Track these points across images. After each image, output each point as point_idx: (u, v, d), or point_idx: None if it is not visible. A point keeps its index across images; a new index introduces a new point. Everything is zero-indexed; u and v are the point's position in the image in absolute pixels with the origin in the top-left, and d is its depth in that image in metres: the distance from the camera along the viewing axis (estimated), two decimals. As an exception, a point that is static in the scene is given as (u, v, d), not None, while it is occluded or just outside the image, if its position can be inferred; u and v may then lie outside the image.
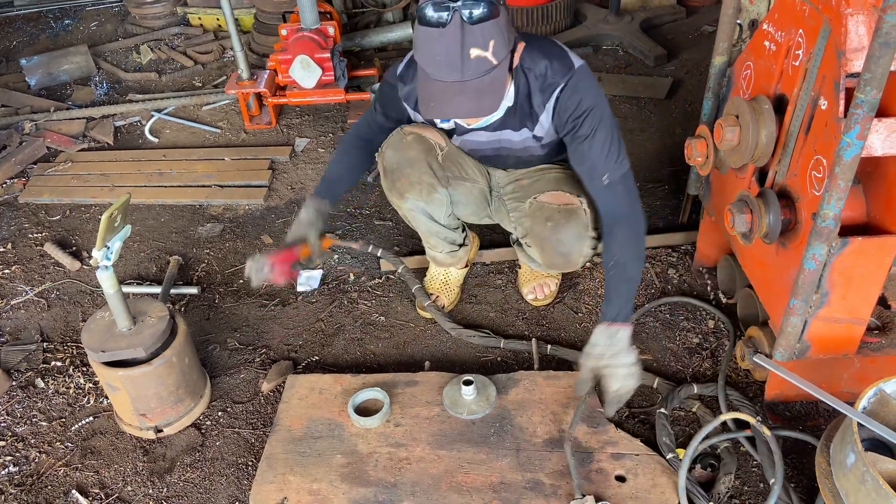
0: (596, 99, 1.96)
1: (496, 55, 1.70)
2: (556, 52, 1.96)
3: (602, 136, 1.97)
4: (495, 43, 1.69)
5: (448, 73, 1.70)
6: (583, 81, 1.95)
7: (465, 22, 1.64)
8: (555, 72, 1.94)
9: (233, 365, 2.45)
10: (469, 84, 1.71)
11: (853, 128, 1.50)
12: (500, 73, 1.74)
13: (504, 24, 1.71)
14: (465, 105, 1.75)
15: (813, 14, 1.72)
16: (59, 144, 3.52)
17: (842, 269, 1.75)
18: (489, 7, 1.66)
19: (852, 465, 1.58)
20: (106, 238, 1.93)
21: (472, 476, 1.98)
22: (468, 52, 1.66)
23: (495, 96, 1.77)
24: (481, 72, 1.70)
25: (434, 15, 1.66)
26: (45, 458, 2.20)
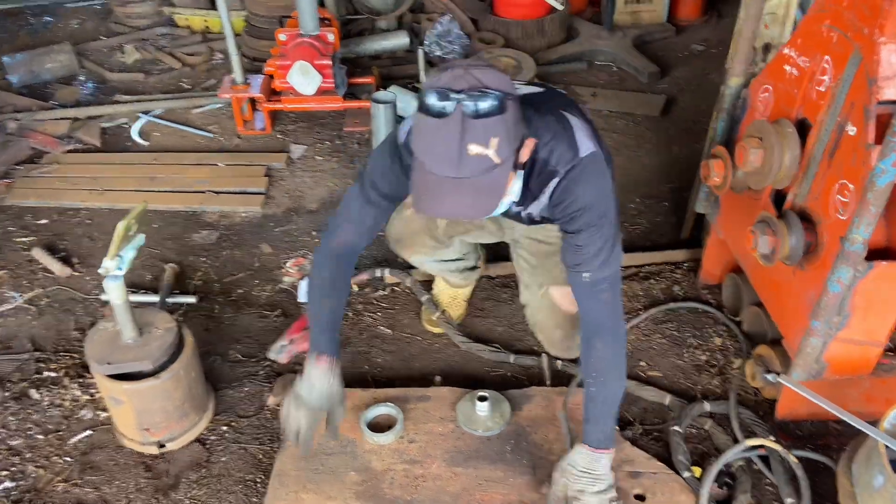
0: (596, 195, 1.76)
1: (499, 153, 1.49)
2: (565, 136, 1.74)
3: (593, 235, 1.77)
4: (499, 141, 1.48)
5: (444, 167, 1.49)
6: (584, 174, 1.74)
7: (468, 115, 1.45)
8: (557, 160, 1.74)
9: (236, 377, 2.39)
10: (465, 182, 1.50)
11: (889, 155, 1.53)
12: (501, 173, 1.53)
13: (512, 121, 1.51)
14: (458, 204, 1.54)
15: (842, 41, 1.75)
16: (45, 145, 3.40)
17: (864, 293, 1.78)
18: (496, 101, 1.46)
19: (881, 487, 1.60)
20: (120, 247, 1.86)
21: (491, 494, 1.96)
22: (467, 148, 1.46)
23: (493, 198, 1.56)
24: (480, 170, 1.49)
25: (436, 104, 1.46)
26: (43, 472, 2.11)
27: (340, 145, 3.44)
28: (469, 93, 1.45)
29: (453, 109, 1.45)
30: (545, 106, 1.78)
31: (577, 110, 1.87)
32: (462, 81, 1.46)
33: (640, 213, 3.03)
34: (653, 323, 2.53)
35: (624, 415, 2.24)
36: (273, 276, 2.79)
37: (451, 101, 1.45)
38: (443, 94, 1.45)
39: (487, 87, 1.46)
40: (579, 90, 3.80)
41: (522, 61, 3.69)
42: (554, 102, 1.83)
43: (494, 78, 1.49)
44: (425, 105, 1.48)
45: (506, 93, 1.48)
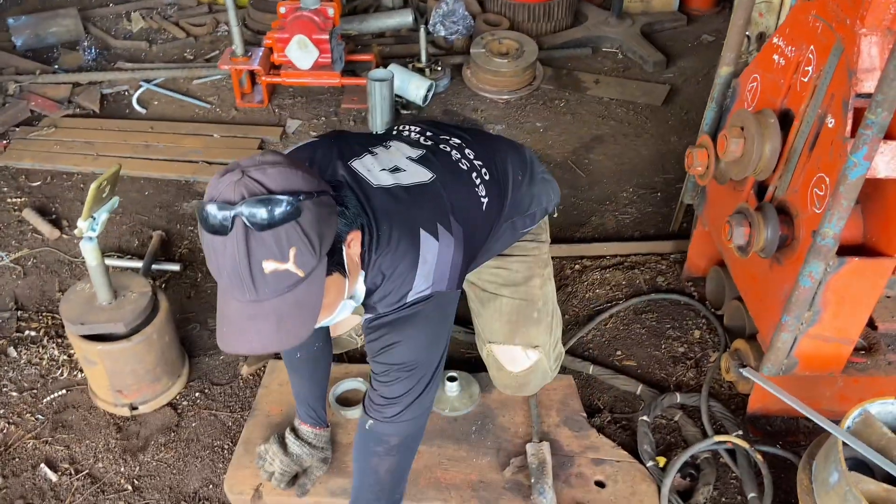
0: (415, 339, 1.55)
1: (301, 264, 1.23)
2: (402, 274, 1.49)
3: (402, 372, 1.57)
4: (297, 251, 1.22)
5: (239, 291, 1.23)
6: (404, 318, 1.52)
7: (251, 228, 1.18)
8: (381, 296, 1.52)
9: (213, 346, 2.40)
10: (265, 305, 1.24)
11: (861, 148, 1.50)
12: (311, 286, 1.27)
13: (312, 222, 1.23)
14: (260, 334, 1.26)
15: (826, 31, 1.71)
16: (44, 108, 3.42)
17: (836, 289, 1.75)
18: (286, 206, 1.20)
19: (835, 484, 1.58)
20: (92, 209, 1.87)
21: (452, 473, 1.96)
22: (261, 266, 1.20)
23: (305, 319, 1.29)
24: (282, 289, 1.23)
25: (214, 219, 1.19)
26: (14, 429, 2.14)
27: (336, 122, 3.43)
28: (249, 202, 1.19)
29: (232, 224, 1.19)
30: (402, 221, 1.51)
31: (458, 214, 1.60)
32: (240, 188, 1.20)
33: (631, 202, 3.00)
34: (633, 313, 2.51)
35: (594, 402, 2.23)
36: (258, 247, 2.79)
37: (228, 213, 1.19)
38: (221, 206, 1.19)
39: (271, 190, 1.21)
40: (582, 76, 3.76)
41: (525, 44, 3.65)
42: (422, 210, 1.55)
43: (280, 176, 1.23)
44: (203, 220, 1.22)
45: (297, 192, 1.22)
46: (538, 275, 2.04)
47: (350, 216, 1.39)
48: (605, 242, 2.77)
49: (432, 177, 1.63)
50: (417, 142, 1.75)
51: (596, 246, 2.75)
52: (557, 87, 3.69)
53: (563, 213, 2.93)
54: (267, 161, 1.26)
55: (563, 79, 3.76)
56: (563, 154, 3.26)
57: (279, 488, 1.90)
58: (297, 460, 1.90)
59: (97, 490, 2.00)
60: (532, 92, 3.63)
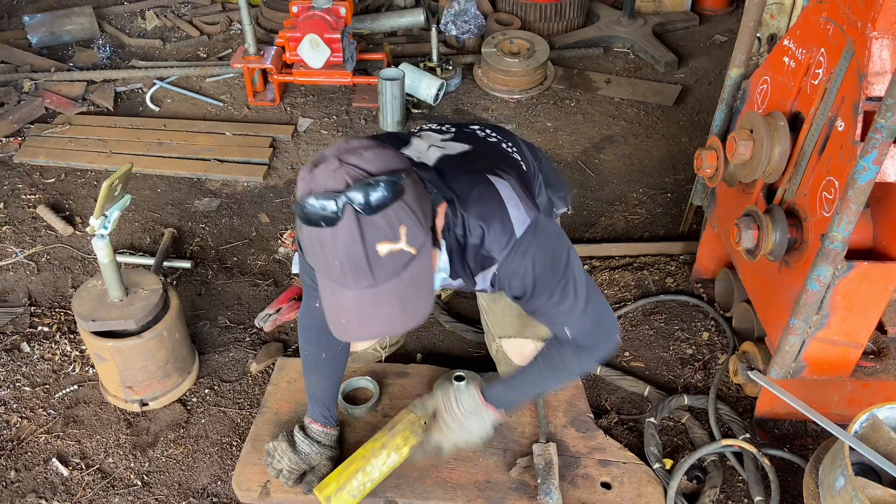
0: (545, 267, 1.55)
1: (412, 241, 1.25)
2: (496, 213, 1.51)
3: (557, 299, 1.58)
4: (408, 229, 1.24)
5: (355, 279, 1.24)
6: (525, 254, 1.53)
7: (361, 213, 1.20)
8: (490, 244, 1.52)
9: (222, 343, 2.42)
10: (384, 288, 1.26)
11: (870, 152, 1.49)
12: (423, 261, 1.30)
13: (414, 199, 1.26)
14: (387, 318, 1.29)
15: (837, 34, 1.71)
16: (58, 106, 3.46)
17: (844, 293, 1.74)
18: (390, 186, 1.21)
19: (841, 489, 1.58)
20: (105, 206, 1.89)
21: (458, 473, 1.97)
22: (374, 250, 1.22)
23: (424, 295, 1.32)
24: (398, 269, 1.25)
25: (319, 209, 1.20)
26: (26, 423, 2.17)
27: (347, 120, 3.45)
28: (355, 188, 1.20)
29: (342, 211, 1.19)
30: (469, 175, 1.55)
31: (508, 166, 1.64)
32: (342, 175, 1.21)
33: (641, 203, 2.99)
34: (642, 314, 2.51)
35: (601, 403, 2.23)
36: (269, 245, 2.81)
37: (334, 200, 1.19)
38: (323, 194, 1.20)
39: (372, 172, 1.22)
40: (594, 76, 3.76)
41: (536, 44, 3.65)
42: (479, 165, 1.60)
43: (376, 158, 1.25)
44: (307, 215, 1.22)
45: (397, 171, 1.24)
46: None
47: (433, 191, 1.44)
48: (614, 243, 2.77)
49: (471, 147, 1.67)
50: (444, 129, 1.80)
51: (605, 246, 2.75)
52: (568, 86, 3.69)
53: (572, 213, 2.93)
54: (359, 146, 1.27)
55: (575, 78, 3.75)
56: (573, 154, 3.26)
57: (287, 485, 1.92)
58: (306, 458, 1.91)
59: (107, 485, 2.03)
60: (543, 92, 3.63)
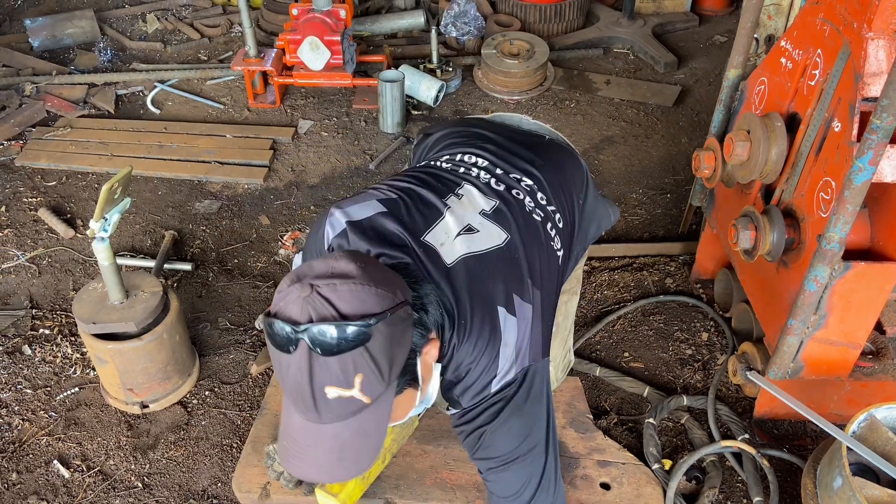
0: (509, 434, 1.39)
1: (367, 391, 1.12)
2: (485, 360, 1.34)
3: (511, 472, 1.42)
4: (364, 378, 1.11)
5: (303, 409, 1.14)
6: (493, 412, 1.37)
7: (315, 354, 1.09)
8: (465, 388, 1.38)
9: (223, 345, 2.43)
10: (327, 429, 1.14)
11: (866, 153, 1.50)
12: (377, 412, 1.16)
13: (382, 346, 1.12)
14: (322, 461, 1.17)
15: (833, 35, 1.71)
16: (60, 109, 3.47)
17: (842, 293, 1.74)
18: (353, 334, 1.09)
19: (839, 489, 1.58)
20: (104, 209, 1.90)
21: (458, 474, 1.97)
22: (324, 391, 1.11)
23: (368, 448, 1.19)
24: (346, 414, 1.13)
25: (279, 332, 1.12)
26: (28, 426, 2.18)
27: (347, 122, 3.46)
28: (316, 325, 1.08)
29: (297, 346, 1.10)
30: (480, 301, 1.35)
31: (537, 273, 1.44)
32: (308, 307, 1.10)
33: (640, 203, 3.00)
34: (641, 314, 2.51)
35: (601, 404, 2.23)
36: (269, 247, 2.82)
37: (293, 334, 1.10)
38: (285, 325, 1.11)
39: (342, 314, 1.09)
40: (593, 77, 3.76)
41: (536, 45, 3.65)
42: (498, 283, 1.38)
43: (353, 297, 1.11)
44: (269, 334, 1.14)
45: (370, 315, 1.10)
46: (566, 290, 1.90)
47: (429, 321, 1.26)
48: (613, 244, 2.77)
49: (507, 238, 1.44)
50: (489, 185, 1.55)
51: (605, 247, 2.75)
52: (568, 87, 3.69)
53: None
54: (339, 273, 1.13)
55: (574, 80, 3.76)
56: (572, 155, 3.26)
57: (287, 488, 1.92)
58: None
59: (108, 487, 2.03)
60: (543, 93, 3.64)
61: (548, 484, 1.43)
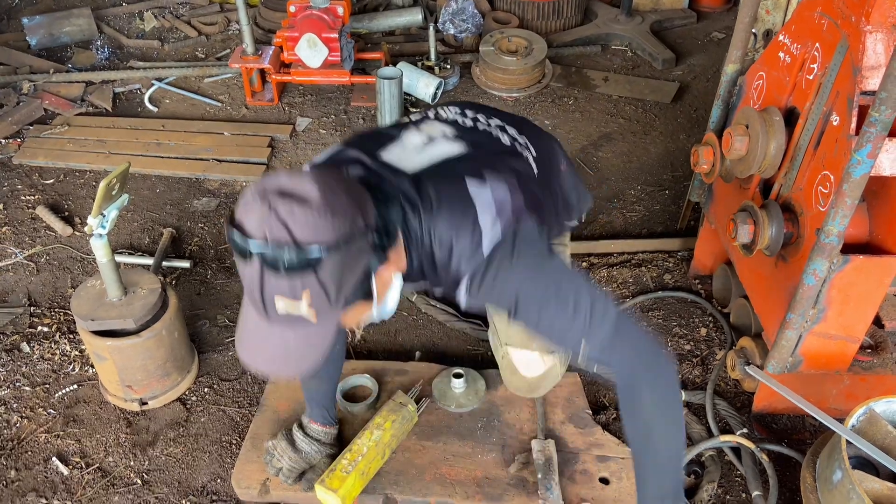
0: (524, 279, 1.40)
1: (315, 308, 1.18)
2: (465, 226, 1.38)
3: (551, 313, 1.40)
4: (311, 298, 1.17)
5: (255, 308, 1.21)
6: (499, 267, 1.39)
7: (268, 268, 1.14)
8: (458, 258, 1.40)
9: (222, 342, 2.43)
10: (275, 329, 1.22)
11: (864, 146, 1.50)
12: (321, 330, 1.24)
13: (332, 273, 1.16)
14: (271, 357, 1.26)
15: (831, 28, 1.71)
16: (57, 107, 3.46)
17: (841, 287, 1.75)
18: (303, 260, 1.13)
19: (838, 482, 1.58)
20: (102, 206, 1.90)
21: (457, 469, 1.98)
22: (272, 299, 1.17)
23: (310, 355, 1.26)
24: (292, 323, 1.21)
25: (237, 241, 1.15)
26: (26, 423, 2.18)
27: (346, 119, 3.45)
28: (270, 245, 1.12)
29: (251, 257, 1.14)
30: (446, 181, 1.42)
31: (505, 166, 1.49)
32: (264, 227, 1.12)
33: (639, 200, 3.00)
34: (640, 310, 2.51)
35: (600, 399, 2.24)
36: (267, 245, 2.82)
37: (248, 248, 1.13)
38: (243, 237, 1.14)
39: (295, 239, 1.12)
40: (592, 74, 3.76)
41: (534, 42, 3.65)
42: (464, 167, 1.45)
43: (308, 224, 1.13)
44: (230, 238, 1.17)
45: (323, 244, 1.13)
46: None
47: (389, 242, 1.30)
48: (612, 240, 2.77)
49: (468, 150, 1.50)
50: (455, 122, 1.63)
51: (603, 243, 2.75)
52: (566, 84, 3.69)
53: (570, 210, 2.93)
54: (300, 195, 1.14)
55: (573, 76, 3.76)
56: (571, 152, 3.26)
57: (286, 484, 1.92)
58: (306, 457, 1.91)
59: (107, 483, 2.03)
60: (541, 90, 3.63)
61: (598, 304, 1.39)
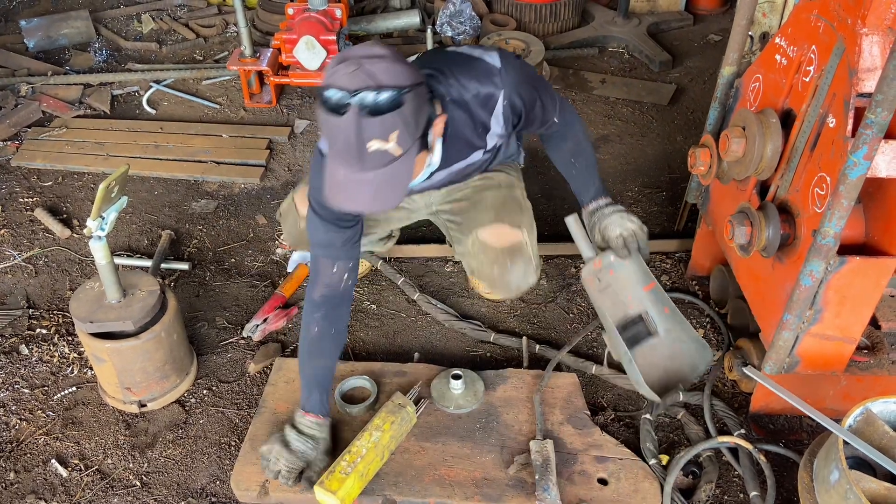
0: (533, 81, 1.95)
1: (400, 145, 1.53)
2: (475, 65, 1.86)
3: (547, 100, 1.99)
4: (399, 133, 1.51)
5: (347, 163, 1.54)
6: (514, 78, 1.87)
7: (363, 114, 1.46)
8: (485, 85, 1.84)
9: (220, 344, 2.43)
10: (367, 176, 1.55)
11: (861, 147, 1.51)
12: (405, 164, 1.57)
13: (412, 111, 1.52)
14: (361, 198, 1.59)
15: (827, 31, 1.72)
16: (55, 109, 3.47)
17: (837, 288, 1.75)
18: (393, 97, 1.47)
19: (836, 483, 1.59)
20: (101, 208, 1.90)
21: (456, 470, 1.98)
22: (366, 146, 1.49)
23: (396, 189, 1.60)
24: (381, 164, 1.54)
25: (332, 102, 1.48)
26: (25, 425, 2.18)
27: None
28: (363, 91, 1.45)
29: (347, 108, 1.46)
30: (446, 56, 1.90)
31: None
32: (356, 79, 1.46)
33: (636, 201, 3.01)
34: (638, 311, 2.52)
35: (598, 400, 2.24)
36: (266, 247, 2.82)
37: (345, 99, 1.46)
38: (339, 92, 1.47)
39: (381, 83, 1.47)
40: (589, 76, 3.77)
41: (531, 44, 3.66)
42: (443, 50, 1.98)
43: (389, 71, 1.49)
44: (323, 101, 1.49)
45: (402, 86, 1.49)
46: (519, 187, 2.31)
47: (438, 101, 1.75)
48: (610, 242, 2.78)
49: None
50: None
51: (601, 245, 2.76)
52: (564, 86, 3.70)
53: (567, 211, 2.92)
54: (377, 54, 1.51)
55: (570, 79, 3.77)
56: (568, 154, 3.27)
57: (287, 486, 1.92)
58: (302, 456, 1.91)
59: (106, 486, 2.03)
60: (538, 92, 3.64)
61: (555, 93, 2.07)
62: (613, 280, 2.08)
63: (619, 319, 2.05)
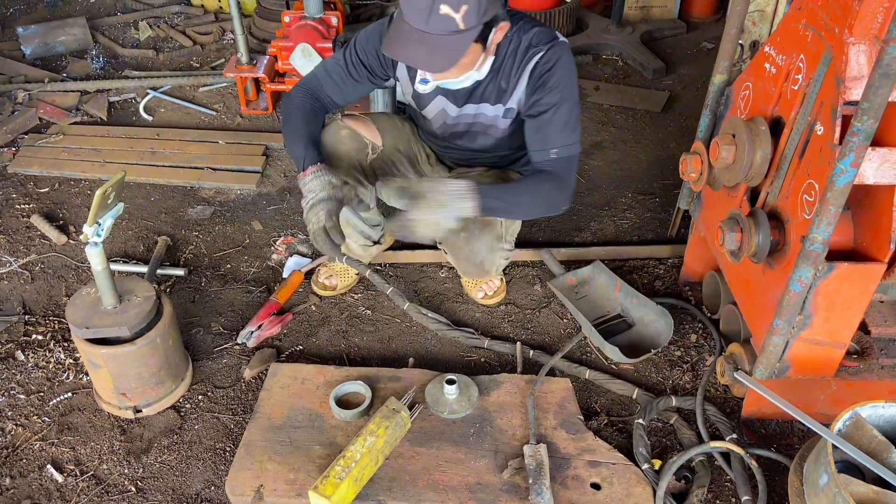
0: (570, 74, 2.02)
1: (465, 20, 1.73)
2: (545, 28, 2.03)
3: (565, 111, 2.02)
4: (468, 9, 1.72)
5: (415, 19, 1.75)
6: (563, 55, 1.99)
7: None
8: (537, 40, 1.99)
9: (216, 349, 2.44)
10: (429, 37, 1.75)
11: (847, 155, 1.53)
12: (464, 39, 1.77)
13: None
14: (417, 55, 1.78)
15: (815, 40, 1.74)
16: (52, 116, 3.48)
17: (826, 293, 1.77)
18: None
19: (825, 486, 1.61)
20: (98, 214, 1.92)
21: (450, 475, 1.99)
22: (438, 7, 1.70)
23: (450, 58, 1.78)
24: (445, 30, 1.74)
25: None
26: (21, 431, 2.18)
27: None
28: None
29: None
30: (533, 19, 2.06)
31: None
32: None
33: (629, 207, 3.03)
34: (631, 317, 2.54)
35: (591, 405, 2.26)
36: (262, 253, 2.84)
37: None
38: None
39: None
40: (583, 83, 3.80)
41: (526, 52, 3.69)
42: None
43: None
44: None
45: None
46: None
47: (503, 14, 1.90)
48: (603, 247, 2.80)
49: None
50: None
51: (594, 250, 2.78)
52: (558, 93, 3.73)
53: (562, 217, 2.96)
54: None
55: (564, 86, 3.79)
56: (563, 160, 3.30)
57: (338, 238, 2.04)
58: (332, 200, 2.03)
59: (102, 491, 2.04)
60: (533, 99, 3.67)
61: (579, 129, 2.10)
62: (589, 291, 2.55)
63: (595, 319, 2.44)
